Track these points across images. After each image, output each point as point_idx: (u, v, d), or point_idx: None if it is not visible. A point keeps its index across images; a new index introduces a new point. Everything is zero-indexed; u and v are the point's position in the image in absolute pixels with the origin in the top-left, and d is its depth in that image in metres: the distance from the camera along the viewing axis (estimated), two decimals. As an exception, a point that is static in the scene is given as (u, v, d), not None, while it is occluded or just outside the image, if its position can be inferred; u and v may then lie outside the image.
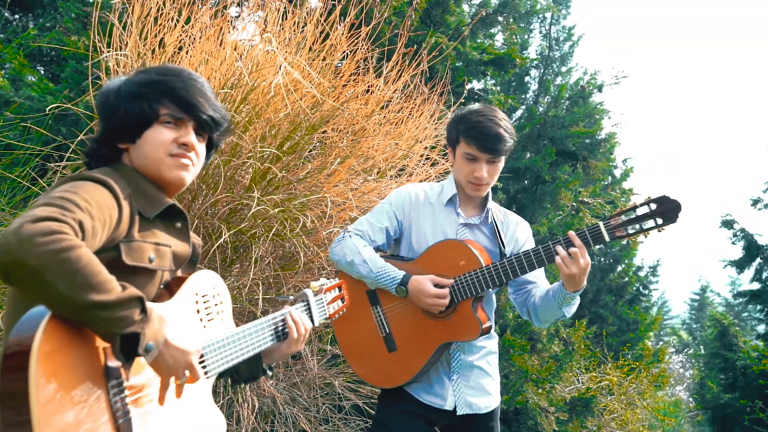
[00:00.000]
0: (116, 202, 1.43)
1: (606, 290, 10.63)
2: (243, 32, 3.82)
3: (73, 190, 1.35)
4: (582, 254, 2.16)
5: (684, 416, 11.25)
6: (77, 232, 1.27)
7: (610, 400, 6.16)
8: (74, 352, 1.27)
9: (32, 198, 3.33)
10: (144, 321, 1.30)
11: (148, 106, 1.54)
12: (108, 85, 1.60)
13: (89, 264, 1.23)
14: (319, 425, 3.65)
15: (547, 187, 7.05)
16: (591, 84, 7.94)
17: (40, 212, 1.23)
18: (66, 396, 1.22)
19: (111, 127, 1.57)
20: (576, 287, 2.22)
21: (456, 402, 2.33)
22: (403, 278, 2.28)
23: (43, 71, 6.09)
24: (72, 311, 1.23)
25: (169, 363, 1.38)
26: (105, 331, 1.28)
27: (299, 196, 3.27)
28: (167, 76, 1.57)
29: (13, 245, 1.17)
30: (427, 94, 4.12)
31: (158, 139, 1.55)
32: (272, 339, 1.77)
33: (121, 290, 1.28)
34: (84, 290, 1.21)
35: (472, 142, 2.28)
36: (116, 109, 1.55)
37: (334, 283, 2.07)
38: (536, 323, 2.46)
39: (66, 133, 4.15)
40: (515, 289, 2.48)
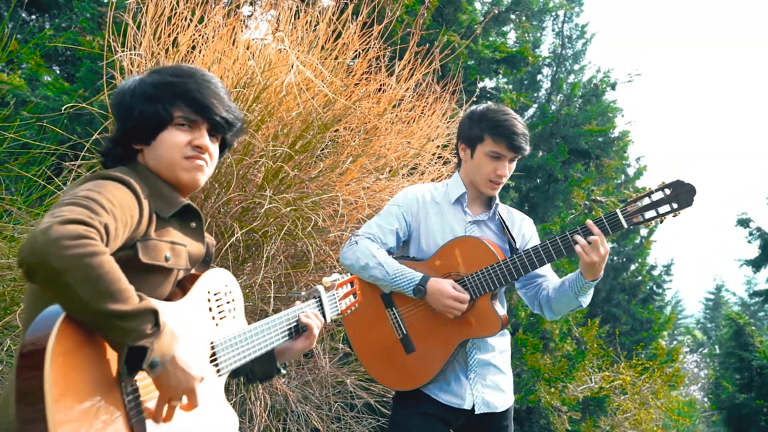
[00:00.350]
0: (137, 202, 1.44)
1: (619, 289, 10.57)
2: (256, 31, 3.84)
3: (98, 190, 1.36)
4: (602, 242, 2.17)
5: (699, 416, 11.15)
6: (103, 237, 1.28)
7: (623, 400, 6.12)
8: (89, 351, 1.28)
9: (48, 197, 3.36)
10: (154, 335, 1.30)
11: (162, 108, 1.54)
12: (123, 85, 1.61)
13: (111, 271, 1.24)
14: (331, 423, 3.66)
15: (560, 185, 7.02)
16: (604, 82, 7.90)
17: (68, 213, 1.24)
18: (80, 395, 1.23)
19: (126, 128, 1.57)
20: (595, 276, 2.23)
21: (474, 401, 2.32)
22: (421, 279, 2.27)
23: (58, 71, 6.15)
24: (88, 316, 1.24)
25: (171, 383, 1.37)
26: (115, 340, 1.28)
27: (311, 194, 3.28)
28: (181, 78, 1.57)
29: (41, 246, 1.19)
30: (439, 92, 4.12)
31: (172, 142, 1.56)
32: (285, 336, 1.77)
33: (138, 301, 1.28)
34: (103, 297, 1.22)
35: (501, 140, 2.30)
36: (131, 110, 1.55)
37: (346, 278, 2.06)
38: (549, 316, 2.45)
39: (81, 132, 4.19)
40: (524, 283, 2.48)
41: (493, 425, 2.38)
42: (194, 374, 1.38)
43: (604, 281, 10.27)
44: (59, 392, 1.18)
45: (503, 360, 2.43)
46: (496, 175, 2.33)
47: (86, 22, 5.23)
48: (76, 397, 1.22)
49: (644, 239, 11.45)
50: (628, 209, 2.24)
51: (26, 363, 1.18)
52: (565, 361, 5.38)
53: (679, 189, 2.22)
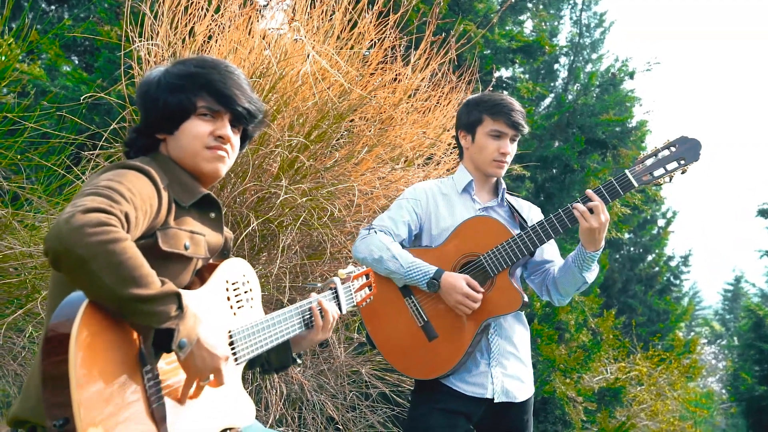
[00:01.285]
0: (157, 191, 1.46)
1: (635, 280, 10.50)
2: (271, 21, 3.83)
3: (118, 180, 1.38)
4: (602, 209, 2.18)
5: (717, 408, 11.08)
6: (123, 224, 1.30)
7: (639, 391, 6.09)
8: (111, 336, 1.30)
9: (67, 186, 3.40)
10: (179, 317, 1.33)
11: (186, 98, 1.57)
12: (148, 75, 1.63)
13: (133, 257, 1.26)
14: (346, 412, 3.68)
15: (576, 175, 6.96)
16: (622, 71, 7.80)
17: (89, 202, 1.27)
18: (103, 380, 1.26)
19: (150, 118, 1.60)
20: (596, 246, 2.23)
21: (494, 390, 2.31)
22: (435, 273, 2.27)
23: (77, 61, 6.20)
24: (112, 302, 1.26)
25: (198, 364, 1.40)
26: (141, 324, 1.31)
27: (327, 184, 3.29)
28: (205, 69, 1.59)
29: (65, 234, 1.22)
30: (455, 82, 4.10)
31: (195, 132, 1.58)
32: (301, 326, 1.78)
33: (160, 285, 1.30)
34: (126, 282, 1.25)
35: (500, 117, 2.35)
36: (156, 100, 1.58)
37: (361, 270, 2.06)
38: (556, 298, 2.45)
39: (99, 121, 4.23)
40: (531, 270, 2.49)
41: (513, 417, 2.37)
42: (219, 354, 1.41)
43: (620, 272, 10.20)
44: (83, 376, 1.21)
45: (524, 350, 2.43)
46: (499, 154, 2.36)
47: (104, 12, 5.26)
48: (99, 381, 1.25)
49: (662, 230, 11.35)
50: (636, 169, 2.25)
51: (51, 348, 1.21)
52: (581, 351, 5.36)
53: (685, 144, 2.24)
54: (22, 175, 3.39)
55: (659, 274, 10.88)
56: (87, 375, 1.22)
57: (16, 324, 3.13)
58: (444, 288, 2.26)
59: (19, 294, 3.18)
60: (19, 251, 3.02)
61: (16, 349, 3.22)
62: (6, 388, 3.38)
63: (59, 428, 1.18)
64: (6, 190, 3.30)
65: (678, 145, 2.25)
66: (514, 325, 2.41)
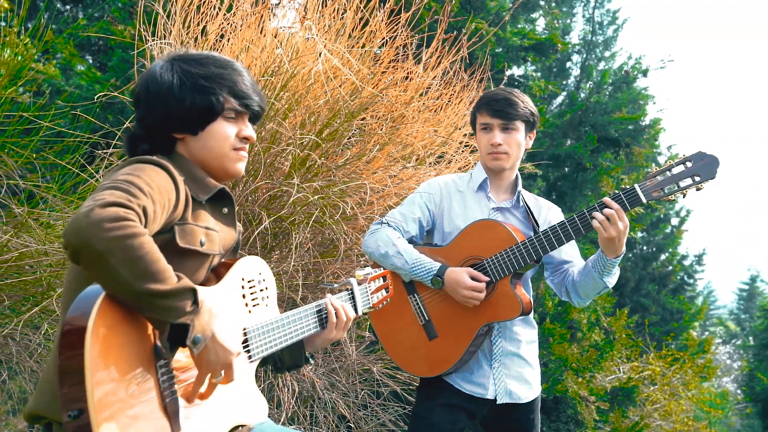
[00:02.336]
0: (174, 185, 1.47)
1: (648, 279, 10.42)
2: (283, 19, 3.84)
3: (137, 174, 1.40)
4: (620, 216, 2.14)
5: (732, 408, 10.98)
6: (141, 219, 1.31)
7: (652, 391, 6.05)
8: (126, 331, 1.31)
9: (81, 184, 3.43)
10: (194, 313, 1.34)
11: (216, 100, 1.58)
12: (156, 72, 1.60)
13: (150, 252, 1.28)
14: (357, 411, 3.69)
15: (588, 174, 6.92)
16: (635, 69, 7.74)
17: (108, 197, 1.28)
18: (117, 373, 1.27)
19: (172, 118, 1.59)
20: (616, 252, 2.19)
21: (496, 391, 2.31)
22: (439, 270, 2.27)
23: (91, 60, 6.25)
24: (129, 296, 1.27)
25: (211, 359, 1.41)
26: (157, 318, 1.32)
27: (338, 182, 3.29)
28: (225, 69, 1.61)
29: (84, 228, 1.23)
30: (466, 80, 4.09)
31: (223, 134, 1.61)
32: (316, 326, 1.78)
33: (176, 280, 1.32)
34: (143, 277, 1.26)
35: (483, 109, 2.37)
36: (182, 100, 1.57)
37: (379, 272, 2.06)
38: (576, 301, 2.42)
39: (113, 120, 4.26)
40: (552, 271, 2.46)
41: (519, 417, 2.37)
42: (232, 349, 1.43)
43: (633, 271, 10.13)
44: (98, 369, 1.22)
45: (530, 351, 2.41)
46: (489, 145, 2.35)
47: (118, 11, 5.30)
48: (114, 374, 1.26)
49: (675, 229, 11.25)
50: (646, 184, 2.18)
51: (68, 341, 1.22)
52: (593, 351, 5.33)
53: (702, 161, 2.15)
54: (37, 173, 3.43)
55: (673, 273, 10.79)
56: (102, 368, 1.23)
57: (32, 321, 3.17)
58: (448, 284, 2.26)
59: (34, 291, 3.21)
60: (34, 249, 3.05)
61: (32, 346, 3.25)
62: (23, 384, 3.42)
63: (73, 419, 1.19)
64: (22, 188, 3.33)
65: (694, 161, 2.16)
66: (520, 326, 2.39)
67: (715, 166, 2.15)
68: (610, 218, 2.14)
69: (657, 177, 2.19)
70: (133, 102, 1.66)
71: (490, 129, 2.35)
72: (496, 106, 2.33)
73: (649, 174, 2.21)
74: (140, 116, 1.62)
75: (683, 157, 2.18)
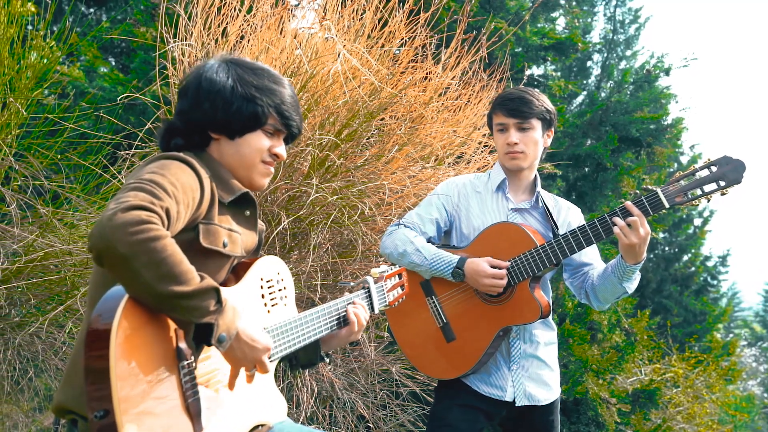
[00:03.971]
0: (199, 183, 1.49)
1: (671, 280, 10.29)
2: (303, 20, 3.86)
3: (161, 172, 1.41)
4: (641, 223, 2.11)
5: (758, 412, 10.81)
6: (164, 221, 1.33)
7: (675, 393, 5.97)
8: (149, 331, 1.33)
9: (104, 185, 3.47)
10: (218, 312, 1.35)
11: (262, 112, 1.61)
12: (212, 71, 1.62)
13: (173, 254, 1.29)
14: (376, 411, 3.69)
15: (609, 174, 6.85)
16: (658, 67, 7.64)
17: (131, 200, 1.30)
18: (141, 374, 1.29)
19: (216, 118, 1.61)
20: (636, 259, 2.16)
21: (515, 393, 2.30)
22: (458, 261, 2.25)
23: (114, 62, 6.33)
24: (153, 298, 1.29)
25: (239, 356, 1.44)
26: (181, 319, 1.34)
27: (357, 183, 3.30)
28: (277, 86, 1.65)
29: (108, 232, 1.25)
30: (485, 80, 4.07)
31: (258, 146, 1.64)
32: (333, 326, 1.79)
33: (199, 281, 1.33)
34: (166, 279, 1.28)
35: (498, 109, 2.35)
36: (229, 104, 1.59)
37: (394, 270, 2.06)
38: (596, 305, 2.40)
39: (134, 121, 4.32)
40: (571, 273, 2.44)
41: (537, 419, 2.35)
42: (260, 347, 1.45)
43: (654, 272, 10.02)
44: (123, 370, 1.24)
45: (549, 353, 2.39)
46: (506, 145, 2.33)
47: (140, 14, 5.37)
48: (138, 375, 1.28)
49: (698, 229, 11.10)
50: (669, 188, 2.14)
51: (92, 342, 1.24)
52: (614, 352, 5.28)
53: (727, 165, 2.10)
54: (62, 174, 3.48)
55: (695, 274, 10.64)
56: (126, 369, 1.25)
57: (56, 320, 3.22)
58: (468, 275, 2.24)
59: (59, 291, 3.27)
60: (59, 249, 3.10)
61: (57, 344, 3.31)
62: (48, 381, 3.47)
63: (99, 419, 1.21)
64: (47, 189, 3.39)
65: (719, 166, 2.11)
66: (539, 328, 2.37)
67: (741, 170, 2.10)
68: (631, 225, 2.11)
69: (680, 181, 2.15)
70: (179, 92, 1.68)
71: (506, 129, 2.34)
72: (511, 105, 2.32)
73: (672, 178, 2.17)
74: (183, 108, 1.64)
75: (708, 161, 2.13)
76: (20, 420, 3.65)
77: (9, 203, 3.20)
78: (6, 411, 3.58)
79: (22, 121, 3.39)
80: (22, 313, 3.35)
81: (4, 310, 3.21)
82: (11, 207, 3.18)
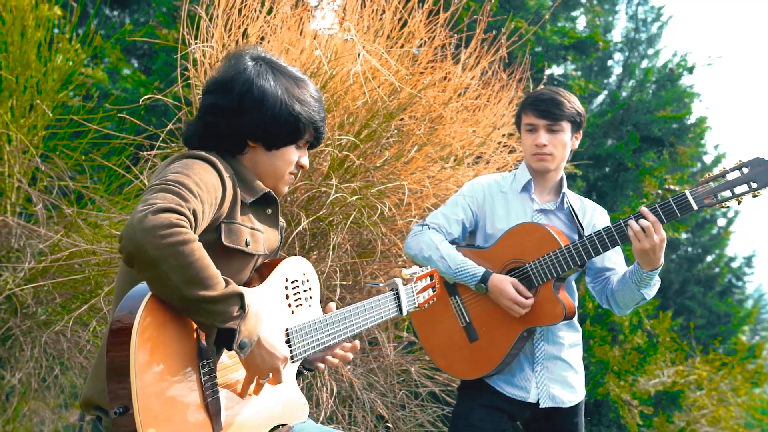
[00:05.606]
0: (221, 182, 1.50)
1: (694, 281, 10.15)
2: (322, 21, 3.88)
3: (186, 172, 1.42)
4: (656, 229, 2.07)
5: (787, 417, 10.60)
6: (192, 223, 1.34)
7: (699, 396, 5.89)
8: (171, 330, 1.34)
9: (126, 185, 3.52)
10: (241, 317, 1.36)
11: (303, 128, 1.65)
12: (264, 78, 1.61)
13: (200, 259, 1.31)
14: (396, 411, 3.69)
15: (630, 174, 6.77)
16: (681, 66, 7.55)
17: (160, 202, 1.31)
18: (162, 372, 1.30)
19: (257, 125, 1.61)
20: (652, 265, 2.13)
21: (539, 394, 2.28)
22: (483, 275, 2.25)
23: (136, 64, 6.41)
24: (179, 301, 1.31)
25: (257, 362, 1.44)
26: (204, 322, 1.35)
27: (377, 183, 3.31)
28: (318, 102, 1.68)
29: (138, 235, 1.26)
30: (505, 80, 4.05)
31: (289, 158, 1.67)
32: (358, 328, 1.78)
33: (224, 286, 1.34)
34: (193, 283, 1.29)
35: (529, 109, 2.33)
36: (275, 117, 1.60)
37: (425, 271, 2.05)
38: (617, 310, 2.37)
39: (156, 123, 4.37)
40: (593, 277, 2.42)
41: (561, 421, 2.33)
42: (279, 355, 1.45)
43: (677, 273, 9.89)
44: (143, 368, 1.25)
45: (573, 355, 2.37)
46: (534, 146, 2.31)
47: (162, 16, 5.43)
48: (158, 373, 1.29)
49: (722, 230, 10.94)
50: (698, 190, 2.09)
51: (115, 339, 1.26)
52: (636, 353, 5.22)
53: (759, 167, 2.05)
54: (86, 174, 3.53)
55: (720, 275, 10.48)
56: (147, 366, 1.26)
57: (81, 318, 3.27)
58: (492, 291, 2.24)
59: (83, 290, 3.32)
60: (83, 249, 3.15)
61: (82, 343, 3.36)
62: (73, 379, 3.53)
63: (118, 416, 1.23)
64: (71, 189, 3.44)
65: (751, 167, 2.06)
66: (564, 329, 2.36)
67: None
68: (645, 230, 2.08)
69: (710, 183, 2.10)
70: (215, 85, 1.63)
71: (536, 129, 2.32)
72: (542, 106, 2.29)
73: (702, 180, 2.13)
74: (220, 105, 1.60)
75: (739, 162, 2.09)
76: (47, 416, 3.72)
77: (35, 203, 3.26)
78: (33, 407, 3.64)
79: (48, 123, 3.45)
80: (48, 312, 3.41)
81: (31, 309, 3.27)
82: (38, 207, 3.24)
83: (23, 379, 3.28)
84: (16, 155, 3.31)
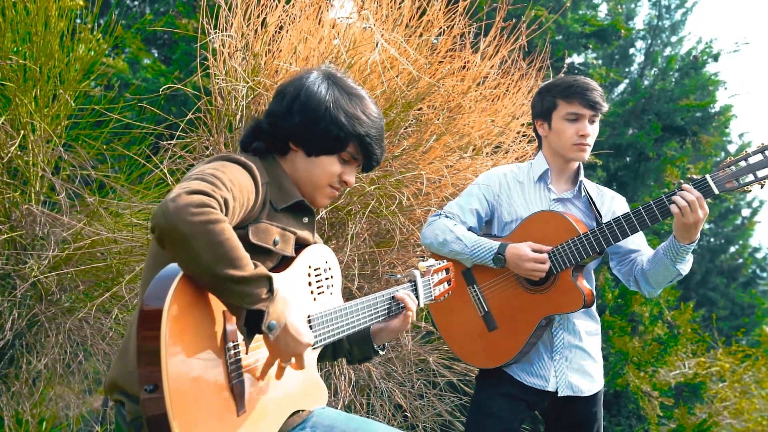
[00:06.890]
0: (255, 187, 1.53)
1: (716, 272, 10.02)
2: (341, 10, 3.87)
3: (222, 170, 1.46)
4: (700, 204, 2.05)
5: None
6: (222, 208, 1.38)
7: (721, 388, 5.83)
8: (199, 312, 1.37)
9: (147, 175, 3.56)
10: (270, 300, 1.38)
11: (345, 139, 1.65)
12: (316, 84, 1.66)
13: (230, 239, 1.33)
14: (414, 400, 3.71)
15: (651, 164, 6.69)
16: (705, 53, 7.41)
17: (194, 185, 1.35)
18: (190, 353, 1.33)
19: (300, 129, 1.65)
20: (691, 238, 2.11)
21: (558, 383, 2.28)
22: (499, 247, 2.24)
23: (156, 54, 6.46)
24: (209, 279, 1.33)
25: (281, 347, 1.46)
26: (233, 303, 1.37)
27: (395, 173, 3.30)
28: (368, 117, 1.68)
29: (171, 212, 1.29)
30: (525, 69, 4.01)
31: (330, 169, 1.68)
32: (378, 316, 1.80)
33: (253, 268, 1.37)
34: (223, 261, 1.31)
35: (575, 98, 2.27)
36: (317, 122, 1.64)
37: (442, 264, 2.06)
38: (646, 290, 2.34)
39: (176, 112, 4.40)
40: (618, 260, 2.40)
41: (580, 410, 2.33)
42: (303, 341, 1.47)
43: (699, 263, 9.77)
44: (173, 350, 1.28)
45: (592, 344, 2.36)
46: (578, 137, 2.28)
47: (182, 6, 5.46)
48: (186, 354, 1.32)
49: (747, 220, 10.78)
50: (719, 174, 2.06)
51: (145, 321, 1.29)
52: (656, 345, 5.18)
53: None
54: (107, 164, 3.57)
55: (743, 266, 10.34)
56: (176, 348, 1.29)
57: (103, 306, 3.32)
58: (510, 260, 2.23)
59: (105, 278, 3.37)
60: (105, 237, 3.19)
61: (104, 330, 3.41)
62: (96, 365, 3.59)
63: (149, 393, 1.25)
64: (93, 178, 3.48)
65: None
66: (583, 318, 2.35)
67: None
68: (690, 205, 2.05)
69: (731, 167, 2.07)
70: (277, 92, 1.70)
71: (580, 119, 2.29)
72: (591, 96, 2.26)
73: (722, 164, 2.09)
74: (275, 111, 1.68)
75: (762, 145, 2.05)
76: (72, 401, 3.79)
77: (59, 192, 3.31)
78: (59, 392, 3.71)
79: (70, 113, 3.49)
80: (71, 299, 3.47)
81: (56, 296, 3.33)
82: (61, 196, 3.28)
83: (48, 364, 3.34)
84: (40, 144, 3.36)
